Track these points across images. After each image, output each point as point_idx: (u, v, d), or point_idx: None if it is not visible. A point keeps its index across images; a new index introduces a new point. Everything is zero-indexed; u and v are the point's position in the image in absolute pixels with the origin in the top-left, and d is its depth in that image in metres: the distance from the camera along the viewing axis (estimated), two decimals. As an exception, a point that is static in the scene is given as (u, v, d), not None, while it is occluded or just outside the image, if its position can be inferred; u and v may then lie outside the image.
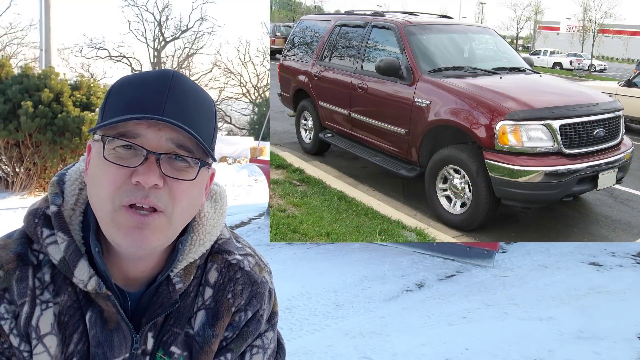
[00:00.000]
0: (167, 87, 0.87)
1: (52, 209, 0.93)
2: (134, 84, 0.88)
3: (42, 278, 0.91)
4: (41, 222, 0.92)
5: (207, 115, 0.92)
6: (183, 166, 0.88)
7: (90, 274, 0.89)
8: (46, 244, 0.91)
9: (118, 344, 0.93)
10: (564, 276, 5.09)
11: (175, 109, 0.86)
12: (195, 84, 0.92)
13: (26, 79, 8.58)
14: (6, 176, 8.87)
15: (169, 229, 0.89)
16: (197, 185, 0.91)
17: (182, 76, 0.90)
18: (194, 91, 0.90)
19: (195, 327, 0.99)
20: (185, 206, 0.89)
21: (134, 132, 0.85)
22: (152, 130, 0.85)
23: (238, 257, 1.04)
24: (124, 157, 0.85)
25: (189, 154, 0.87)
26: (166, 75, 0.88)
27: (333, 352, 3.39)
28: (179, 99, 0.87)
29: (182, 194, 0.88)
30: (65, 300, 0.92)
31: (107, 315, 0.93)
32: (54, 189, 0.95)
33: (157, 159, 0.85)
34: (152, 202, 0.85)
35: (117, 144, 0.85)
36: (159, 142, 0.85)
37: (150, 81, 0.88)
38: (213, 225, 1.02)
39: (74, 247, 0.90)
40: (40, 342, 0.90)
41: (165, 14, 37.10)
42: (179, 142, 0.86)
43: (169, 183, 0.86)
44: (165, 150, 0.86)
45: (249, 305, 1.02)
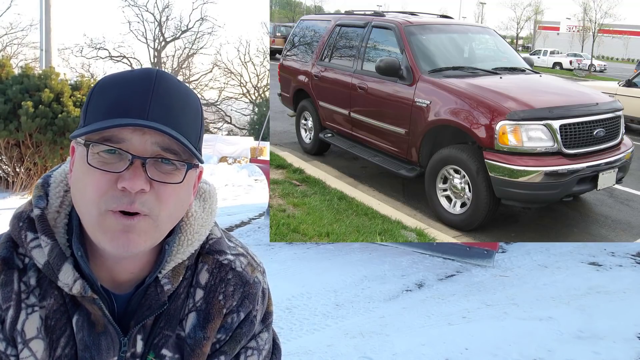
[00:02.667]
0: (151, 88, 0.84)
1: (35, 212, 0.91)
2: (117, 84, 0.86)
3: (28, 282, 0.90)
4: (25, 225, 0.91)
5: (193, 115, 0.89)
6: (169, 169, 0.86)
7: (75, 278, 0.88)
8: (30, 248, 0.89)
9: (106, 347, 0.92)
10: (563, 276, 5.09)
11: (160, 111, 0.84)
12: (179, 82, 0.90)
13: (26, 79, 8.58)
14: (6, 176, 8.87)
15: (156, 231, 0.87)
16: (184, 187, 0.89)
17: (166, 75, 0.88)
18: (178, 90, 0.88)
19: (187, 330, 0.97)
20: (172, 209, 0.88)
21: (119, 136, 0.82)
22: (137, 134, 0.83)
23: (230, 257, 1.02)
24: (109, 161, 0.83)
25: (176, 157, 0.85)
26: (150, 75, 0.86)
27: (333, 352, 3.39)
28: (163, 100, 0.85)
29: (169, 197, 0.86)
30: (51, 304, 0.90)
31: (94, 319, 0.91)
32: (38, 192, 0.94)
33: (143, 163, 0.83)
34: (138, 208, 0.83)
35: (101, 148, 0.83)
36: (145, 146, 0.83)
37: (133, 81, 0.85)
38: (202, 224, 1.00)
39: (57, 250, 0.89)
40: (26, 347, 0.89)
41: (165, 14, 37.13)
42: (164, 145, 0.84)
43: (156, 187, 0.84)
44: (151, 154, 0.84)
45: (241, 306, 1.00)
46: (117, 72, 0.92)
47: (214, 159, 17.42)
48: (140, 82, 0.85)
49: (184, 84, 0.91)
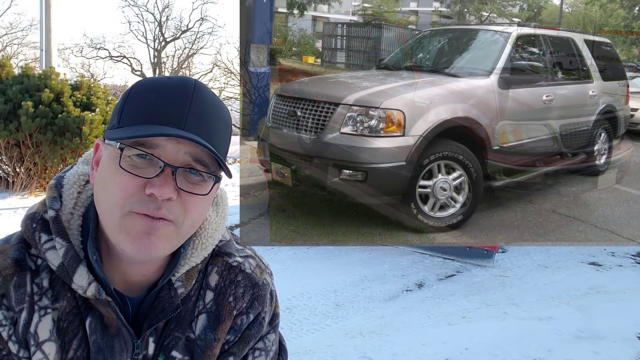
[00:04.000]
0: (189, 99, 0.85)
1: (50, 214, 0.91)
2: (155, 90, 0.86)
3: (41, 284, 0.90)
4: (39, 226, 0.91)
5: (224, 128, 0.90)
6: (198, 180, 0.86)
7: (89, 280, 0.88)
8: (44, 250, 0.89)
9: (119, 350, 0.92)
10: (563, 276, 5.09)
11: (195, 122, 0.84)
12: (214, 94, 0.90)
13: (26, 79, 8.58)
14: (6, 176, 8.87)
15: (177, 238, 0.88)
16: (208, 199, 0.90)
17: (203, 86, 0.89)
18: (213, 102, 0.89)
19: (197, 331, 0.98)
20: (195, 218, 0.89)
21: (153, 142, 0.83)
22: (172, 142, 0.83)
23: (239, 260, 1.02)
24: (139, 166, 0.83)
25: (205, 169, 0.86)
26: (188, 85, 0.86)
27: (333, 352, 3.39)
28: (200, 112, 0.85)
29: (194, 207, 0.87)
30: (64, 306, 0.90)
31: (108, 321, 0.91)
32: (52, 193, 0.94)
33: (174, 172, 0.83)
34: (164, 214, 0.84)
35: (134, 152, 0.83)
36: (177, 155, 0.84)
37: (171, 90, 0.86)
38: (215, 229, 1.00)
39: (72, 252, 0.89)
40: (39, 349, 0.89)
41: (165, 14, 37.07)
42: (196, 156, 0.85)
43: (182, 196, 0.85)
44: (182, 164, 0.84)
45: (251, 308, 1.01)
46: (155, 77, 0.93)
47: (214, 159, 17.39)
48: (178, 90, 0.86)
49: (218, 97, 0.92)
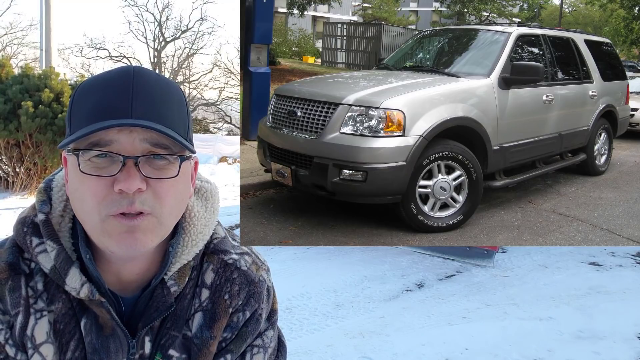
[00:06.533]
0: (130, 86, 0.83)
1: (40, 217, 0.90)
2: (96, 87, 0.85)
3: (35, 287, 0.90)
4: (30, 230, 0.91)
5: (177, 106, 0.88)
6: (163, 164, 0.85)
7: (82, 281, 0.88)
8: (36, 253, 0.89)
9: (114, 350, 0.92)
10: (563, 276, 5.09)
11: (143, 108, 0.83)
12: (158, 75, 0.88)
13: (26, 79, 8.58)
14: (6, 176, 8.87)
15: (160, 228, 0.87)
16: (181, 180, 0.88)
17: (143, 70, 0.87)
18: (158, 84, 0.86)
19: (193, 329, 0.98)
20: (173, 203, 0.87)
21: (106, 139, 0.82)
22: (124, 134, 0.82)
23: (234, 257, 1.02)
24: (101, 166, 0.82)
25: (167, 151, 0.84)
26: (127, 73, 0.85)
27: (333, 352, 3.40)
28: (145, 96, 0.83)
29: (167, 192, 0.85)
30: (59, 308, 0.91)
31: (102, 322, 0.91)
32: (41, 196, 0.93)
33: (135, 162, 0.82)
34: (139, 208, 0.83)
35: (92, 154, 0.82)
36: (134, 145, 0.82)
37: (112, 82, 0.84)
38: (205, 224, 0.99)
39: (64, 255, 0.89)
40: (37, 352, 0.90)
41: (165, 14, 37.10)
42: (153, 141, 0.83)
43: (152, 184, 0.84)
44: (142, 152, 0.83)
45: (247, 305, 1.01)
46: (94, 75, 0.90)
47: (214, 159, 17.37)
48: (118, 81, 0.84)
49: (164, 77, 0.90)
